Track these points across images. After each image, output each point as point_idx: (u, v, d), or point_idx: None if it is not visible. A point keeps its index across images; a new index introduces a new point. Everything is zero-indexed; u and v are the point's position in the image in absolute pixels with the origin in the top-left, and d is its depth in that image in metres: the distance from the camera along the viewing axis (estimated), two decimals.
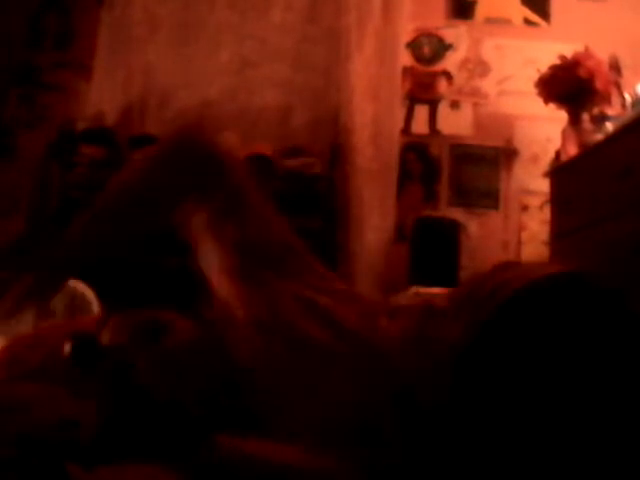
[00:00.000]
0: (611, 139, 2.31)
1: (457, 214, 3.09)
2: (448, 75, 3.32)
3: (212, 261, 0.82)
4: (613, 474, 0.63)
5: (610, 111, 2.63)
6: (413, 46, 3.34)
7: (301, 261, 0.93)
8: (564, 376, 0.66)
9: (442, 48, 3.34)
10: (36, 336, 1.23)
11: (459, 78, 3.32)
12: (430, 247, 2.85)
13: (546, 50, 3.05)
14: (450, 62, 3.33)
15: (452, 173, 3.24)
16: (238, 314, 0.82)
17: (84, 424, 0.70)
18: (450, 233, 2.87)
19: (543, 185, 2.88)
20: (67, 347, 1.01)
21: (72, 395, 0.95)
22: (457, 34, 3.35)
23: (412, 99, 3.31)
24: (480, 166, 3.23)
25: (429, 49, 3.34)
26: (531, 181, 3.18)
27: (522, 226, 3.19)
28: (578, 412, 0.65)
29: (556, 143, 2.87)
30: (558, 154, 2.78)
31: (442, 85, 3.31)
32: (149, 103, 3.22)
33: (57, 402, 0.78)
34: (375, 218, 3.00)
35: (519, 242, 3.18)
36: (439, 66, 3.33)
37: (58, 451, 0.63)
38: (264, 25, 3.28)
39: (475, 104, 3.30)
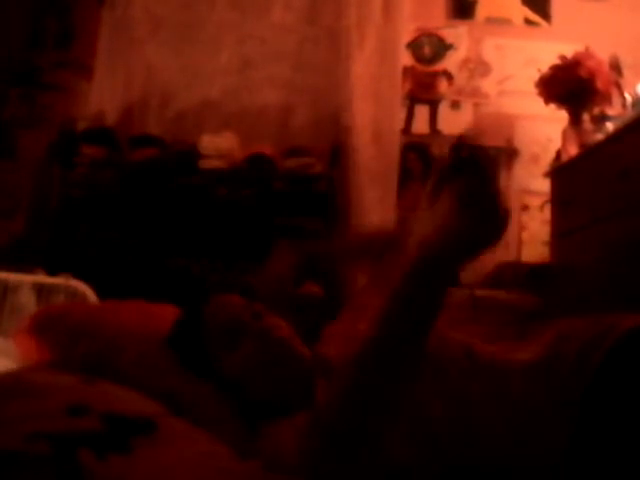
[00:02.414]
0: (612, 139, 2.31)
1: None
2: (448, 75, 3.32)
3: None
4: None
5: (611, 111, 2.62)
6: (413, 46, 3.33)
7: None
8: None
9: (442, 48, 3.34)
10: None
11: (459, 78, 3.32)
12: None
13: (547, 50, 3.05)
14: (450, 62, 3.33)
15: None
16: None
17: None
18: None
19: (543, 185, 2.88)
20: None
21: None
22: (457, 34, 3.35)
23: (412, 99, 3.31)
24: None
25: (429, 49, 3.34)
26: (531, 181, 3.18)
27: (522, 226, 3.19)
28: None
29: (557, 143, 2.87)
30: (559, 154, 2.78)
31: (442, 85, 3.31)
32: (150, 103, 3.22)
33: (67, 388, 0.79)
34: (375, 218, 2.99)
35: (519, 242, 3.18)
36: (439, 66, 3.33)
37: (69, 438, 0.63)
38: (264, 25, 3.28)
39: (476, 104, 3.31)
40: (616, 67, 2.72)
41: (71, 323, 1.21)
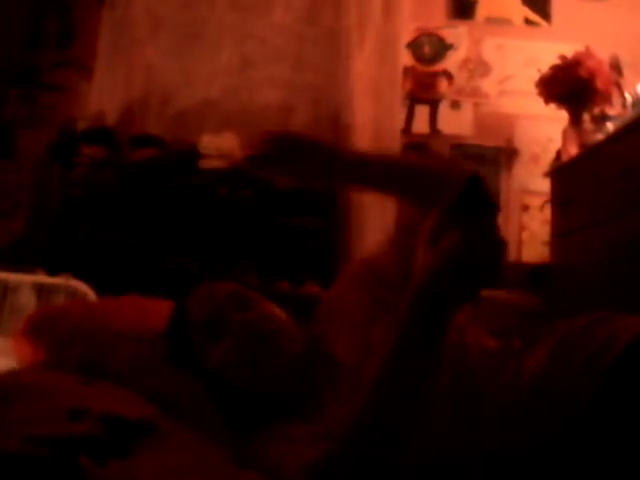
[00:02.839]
0: (612, 139, 2.31)
1: None
2: (449, 75, 3.32)
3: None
4: None
5: (611, 111, 2.62)
6: (414, 46, 3.33)
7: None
8: None
9: (443, 48, 3.33)
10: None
11: (460, 78, 3.32)
12: None
13: (547, 50, 3.05)
14: (451, 62, 3.33)
15: None
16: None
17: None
18: None
19: (544, 185, 2.88)
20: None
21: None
22: (458, 34, 3.35)
23: (413, 99, 3.31)
24: (481, 166, 3.22)
25: (430, 49, 3.34)
26: (532, 181, 3.18)
27: (523, 226, 3.19)
28: None
29: (557, 143, 2.87)
30: (559, 154, 2.78)
31: (443, 85, 3.31)
32: (150, 103, 3.21)
33: (67, 390, 0.79)
34: (376, 218, 2.99)
35: (520, 242, 3.18)
36: (440, 66, 3.33)
37: (69, 443, 0.63)
38: (265, 25, 3.28)
39: (476, 104, 3.30)
40: (616, 67, 2.72)
41: (66, 324, 1.20)
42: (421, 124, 3.29)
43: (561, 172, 2.69)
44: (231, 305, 1.07)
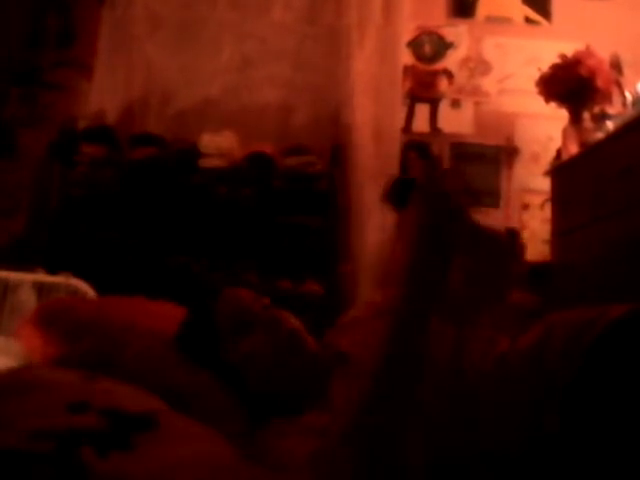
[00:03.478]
0: (612, 138, 2.31)
1: None
2: (449, 74, 3.32)
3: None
4: None
5: (611, 110, 2.62)
6: (414, 45, 3.33)
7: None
8: None
9: (443, 47, 3.33)
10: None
11: (460, 77, 3.32)
12: None
13: (547, 49, 3.05)
14: (451, 61, 3.33)
15: None
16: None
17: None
18: None
19: (544, 184, 2.88)
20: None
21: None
22: (458, 33, 3.35)
23: (413, 98, 3.31)
24: (481, 165, 3.22)
25: (430, 48, 3.34)
26: (532, 180, 3.18)
27: (523, 225, 3.19)
28: None
29: (557, 142, 2.87)
30: (559, 153, 2.78)
31: (443, 84, 3.31)
32: (150, 102, 3.22)
33: (67, 385, 0.79)
34: (376, 217, 2.99)
35: None
36: (440, 65, 3.33)
37: (71, 436, 0.63)
38: (265, 24, 3.28)
39: (476, 103, 3.30)
40: (616, 66, 2.72)
41: (76, 317, 1.21)
42: (421, 123, 3.29)
43: (561, 171, 2.69)
44: (260, 303, 1.13)
